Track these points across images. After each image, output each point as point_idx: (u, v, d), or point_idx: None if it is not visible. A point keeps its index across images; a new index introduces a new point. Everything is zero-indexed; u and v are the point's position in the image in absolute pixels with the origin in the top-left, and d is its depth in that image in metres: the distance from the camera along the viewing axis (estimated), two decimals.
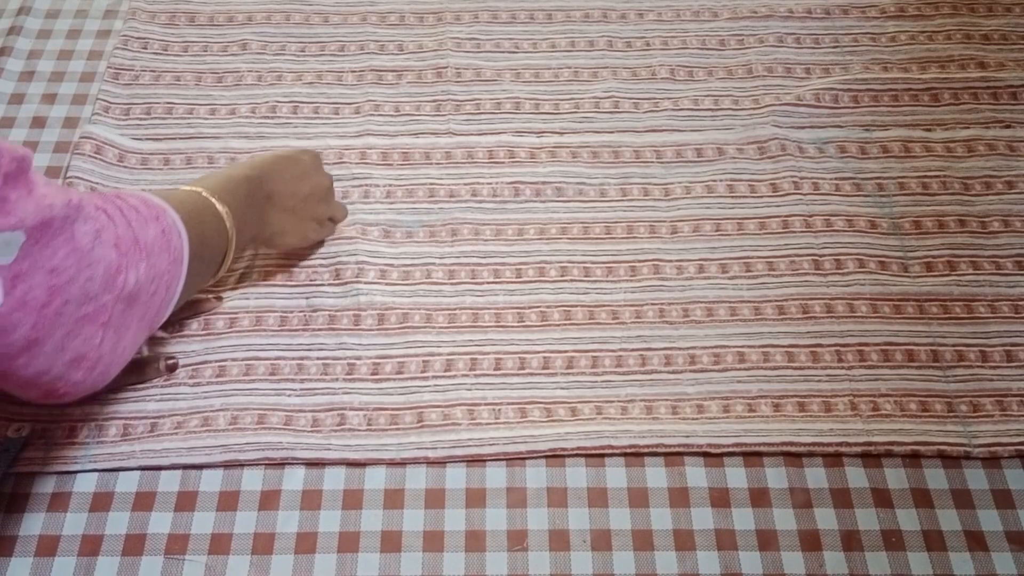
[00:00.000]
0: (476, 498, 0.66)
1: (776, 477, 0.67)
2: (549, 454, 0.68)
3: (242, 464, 0.67)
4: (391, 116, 0.88)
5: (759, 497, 0.66)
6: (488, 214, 0.81)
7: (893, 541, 0.64)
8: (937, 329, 0.74)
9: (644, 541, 0.64)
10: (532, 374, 0.71)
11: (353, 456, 0.67)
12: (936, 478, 0.67)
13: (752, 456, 0.68)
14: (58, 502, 0.65)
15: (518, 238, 0.79)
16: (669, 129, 0.87)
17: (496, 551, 0.63)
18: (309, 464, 0.67)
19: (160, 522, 0.64)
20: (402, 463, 0.67)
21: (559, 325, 0.74)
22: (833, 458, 0.68)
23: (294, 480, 0.66)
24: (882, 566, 0.63)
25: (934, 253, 0.78)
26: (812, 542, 0.64)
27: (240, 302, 0.74)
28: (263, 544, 0.63)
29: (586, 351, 0.73)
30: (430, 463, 0.67)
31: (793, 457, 0.68)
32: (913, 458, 0.68)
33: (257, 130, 0.86)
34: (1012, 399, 0.71)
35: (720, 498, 0.66)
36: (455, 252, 0.78)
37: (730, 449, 0.68)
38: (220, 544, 0.63)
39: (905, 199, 0.82)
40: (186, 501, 0.65)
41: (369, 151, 0.85)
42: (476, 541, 0.64)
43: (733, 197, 0.82)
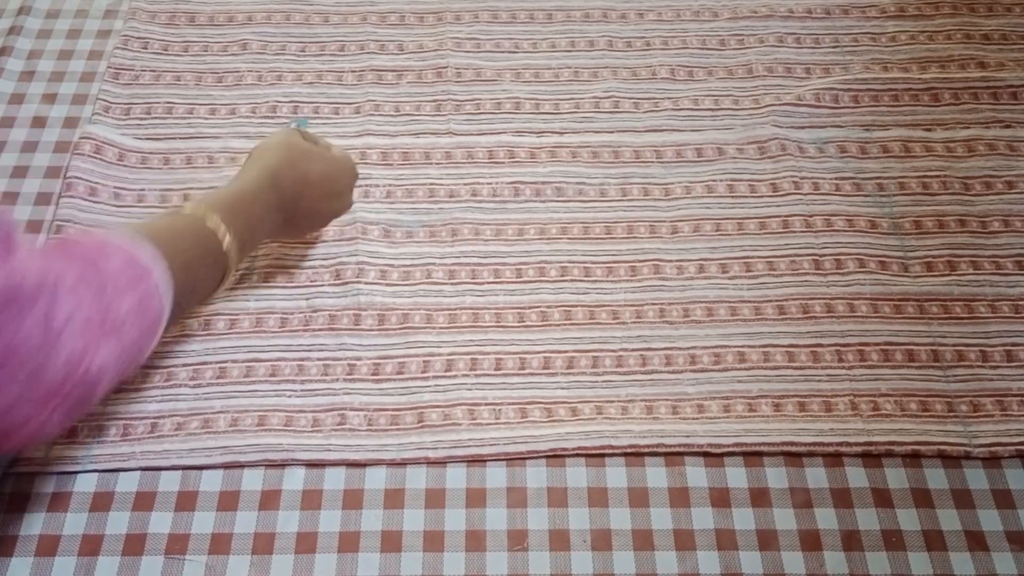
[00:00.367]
0: (476, 498, 0.66)
1: (776, 477, 0.67)
2: (549, 454, 0.68)
3: (242, 465, 0.67)
4: (391, 116, 0.88)
5: (759, 497, 0.66)
6: (488, 214, 0.81)
7: (893, 541, 0.64)
8: (937, 329, 0.74)
9: (644, 541, 0.64)
10: (532, 374, 0.71)
11: (354, 456, 0.67)
12: (936, 478, 0.67)
13: (752, 456, 0.68)
14: (58, 502, 0.65)
15: (518, 238, 0.79)
16: (669, 129, 0.87)
17: (496, 551, 0.63)
18: (309, 464, 0.67)
19: (160, 522, 0.64)
20: (402, 463, 0.67)
21: (559, 325, 0.74)
22: (833, 458, 0.68)
23: (294, 480, 0.66)
24: (882, 566, 0.63)
25: (934, 253, 0.79)
26: (812, 542, 0.64)
27: (241, 303, 0.74)
28: (263, 544, 0.63)
29: (586, 351, 0.73)
30: (430, 463, 0.67)
31: (793, 457, 0.68)
32: (913, 458, 0.68)
33: (257, 130, 0.86)
34: (1012, 399, 0.71)
35: (720, 498, 0.66)
36: (455, 252, 0.78)
37: (730, 449, 0.68)
38: (220, 544, 0.63)
39: (905, 199, 0.82)
40: (186, 501, 0.65)
41: (369, 151, 0.85)
42: (476, 541, 0.64)
43: (733, 197, 0.82)
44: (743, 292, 0.76)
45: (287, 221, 0.69)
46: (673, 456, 0.68)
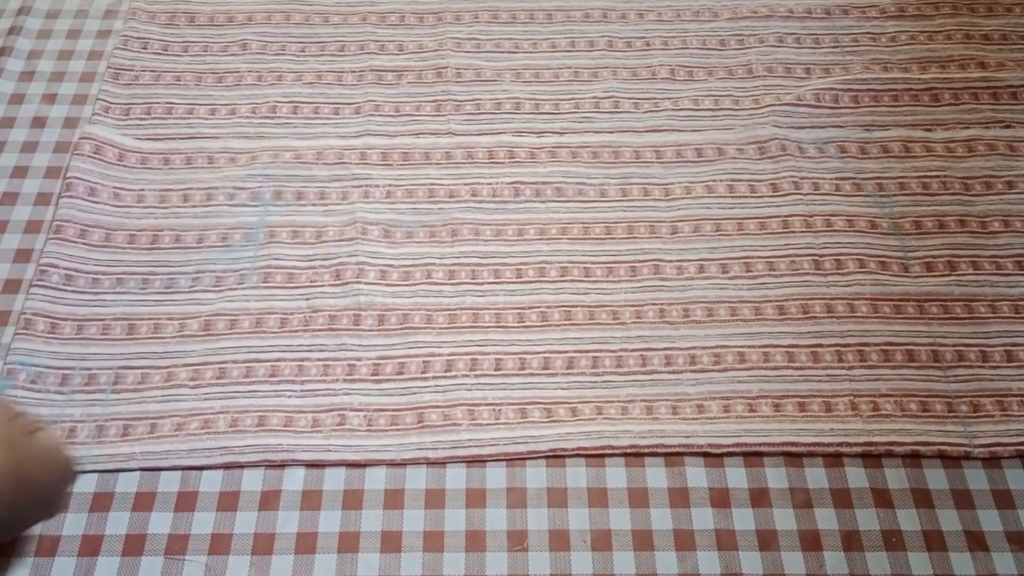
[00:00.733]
0: (476, 498, 0.66)
1: (776, 477, 0.67)
2: (549, 454, 0.68)
3: (242, 465, 0.67)
4: (391, 116, 0.88)
5: (759, 497, 0.66)
6: (488, 214, 0.80)
7: (893, 541, 0.64)
8: (937, 329, 0.74)
9: (644, 541, 0.64)
10: (532, 374, 0.71)
11: (353, 457, 0.67)
12: (936, 478, 0.67)
13: (752, 456, 0.68)
14: None
15: (518, 238, 0.79)
16: (669, 129, 0.87)
17: (496, 551, 0.63)
18: (309, 465, 0.67)
19: (160, 522, 0.64)
20: (402, 463, 0.67)
21: (559, 325, 0.74)
22: (833, 458, 0.68)
23: (294, 480, 0.66)
24: (882, 566, 0.63)
25: (934, 253, 0.78)
26: (812, 542, 0.64)
27: (240, 304, 0.74)
28: (263, 544, 0.63)
29: (586, 351, 0.73)
30: (430, 463, 0.67)
31: (793, 457, 0.68)
32: (913, 458, 0.68)
33: (257, 130, 0.86)
34: (1012, 399, 0.71)
35: (720, 498, 0.66)
36: (455, 252, 0.78)
37: (730, 449, 0.68)
38: (220, 544, 0.63)
39: (905, 199, 0.82)
40: (186, 501, 0.65)
41: (369, 151, 0.85)
42: (476, 541, 0.64)
43: (733, 197, 0.82)
44: (743, 292, 0.76)
45: None
46: (673, 456, 0.68)
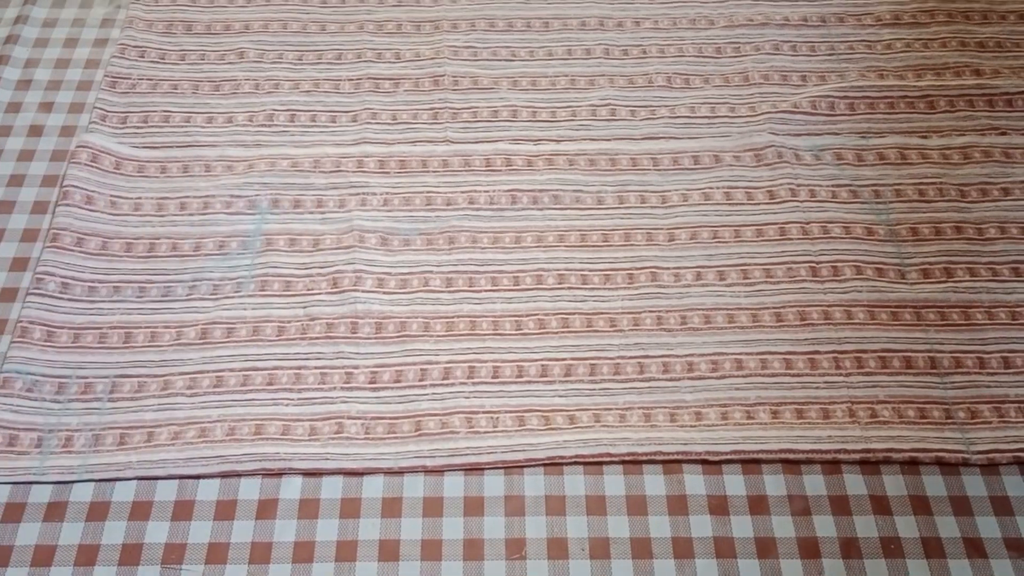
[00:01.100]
0: (474, 506, 0.66)
1: (774, 484, 0.67)
2: (547, 462, 0.67)
3: (239, 474, 0.67)
4: (388, 124, 0.88)
5: (757, 504, 0.66)
6: (485, 222, 0.81)
7: (892, 548, 0.64)
8: (934, 336, 0.74)
9: (642, 549, 0.64)
10: (530, 382, 0.71)
11: (351, 465, 0.67)
12: (934, 485, 0.67)
13: (750, 463, 0.68)
14: (54, 512, 0.65)
15: (515, 246, 0.79)
16: (666, 136, 0.87)
17: (494, 559, 0.63)
18: (307, 473, 0.67)
19: (157, 531, 0.64)
20: (400, 472, 0.67)
21: (557, 333, 0.74)
22: (831, 465, 0.68)
23: (291, 489, 0.66)
24: (881, 573, 0.63)
25: (931, 260, 0.79)
26: (811, 549, 0.64)
27: (238, 312, 0.74)
28: (260, 553, 0.63)
29: (584, 359, 0.73)
30: (428, 472, 0.67)
31: (791, 464, 0.68)
32: (911, 465, 0.68)
33: (254, 138, 0.86)
34: (1010, 405, 0.71)
35: (718, 506, 0.66)
36: (452, 260, 0.78)
37: (728, 456, 0.68)
38: (217, 553, 0.63)
39: (902, 206, 0.82)
40: (183, 510, 0.65)
41: (366, 159, 0.85)
42: (474, 549, 0.64)
43: (730, 204, 0.82)
44: (740, 299, 0.76)
45: None
46: (671, 464, 0.68)
